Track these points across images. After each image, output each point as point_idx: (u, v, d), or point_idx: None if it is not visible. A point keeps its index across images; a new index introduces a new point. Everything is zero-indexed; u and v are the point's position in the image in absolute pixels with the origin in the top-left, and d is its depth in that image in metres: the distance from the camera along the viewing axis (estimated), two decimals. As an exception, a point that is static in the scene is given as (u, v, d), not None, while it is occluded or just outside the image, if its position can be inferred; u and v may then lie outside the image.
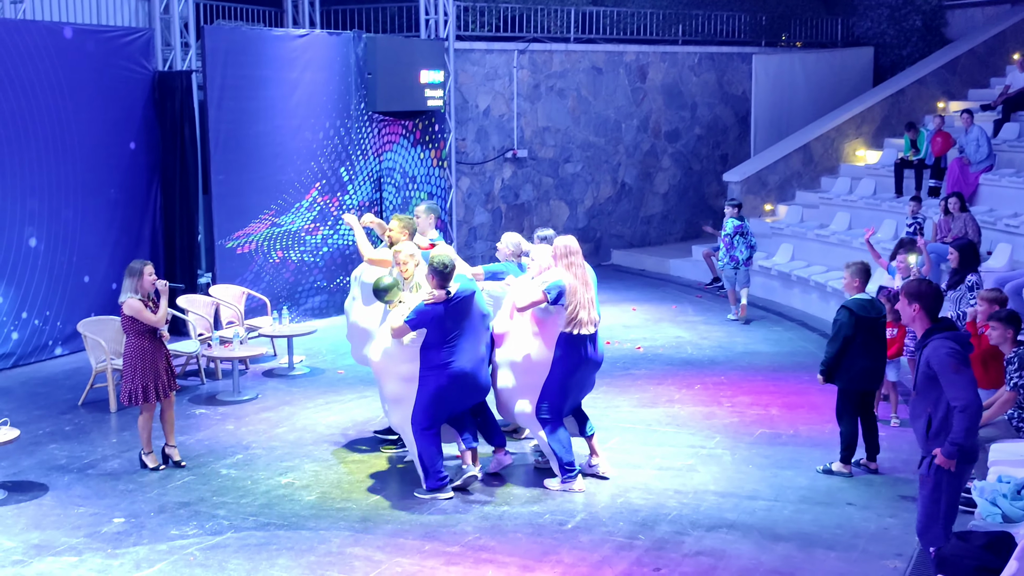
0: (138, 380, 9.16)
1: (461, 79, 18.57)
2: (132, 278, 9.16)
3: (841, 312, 9.11)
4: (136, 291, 9.15)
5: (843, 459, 9.20)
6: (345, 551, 7.67)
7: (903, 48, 22.73)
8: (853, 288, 9.22)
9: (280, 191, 15.14)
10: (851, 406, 9.15)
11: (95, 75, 13.57)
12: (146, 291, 9.20)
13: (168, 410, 9.48)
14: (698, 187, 21.75)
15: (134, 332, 9.19)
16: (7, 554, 7.67)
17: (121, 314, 9.28)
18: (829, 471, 9.18)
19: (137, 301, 9.10)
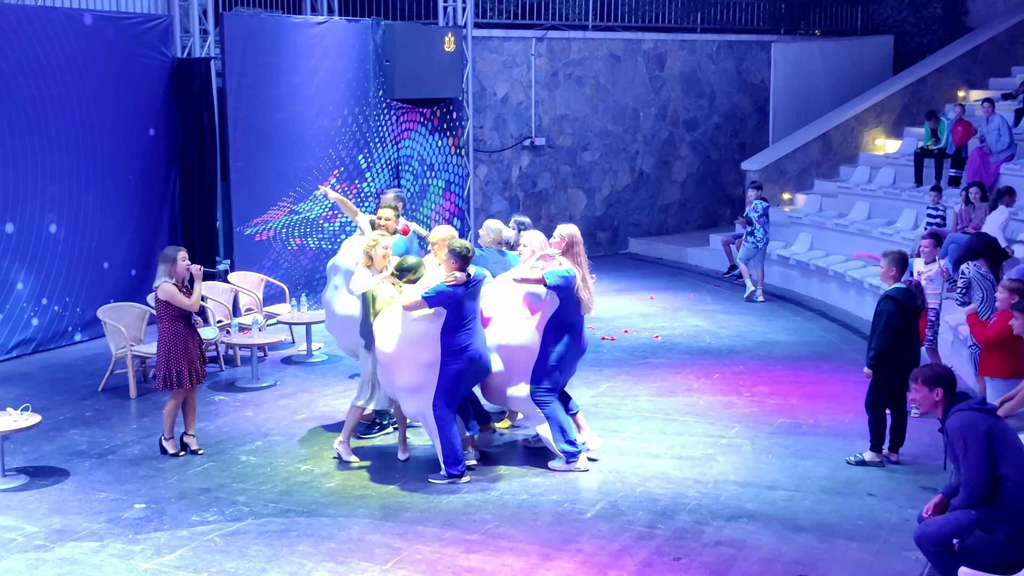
0: (172, 365, 9.20)
1: (479, 66, 18.53)
2: (166, 264, 9.21)
3: (886, 302, 8.99)
4: (170, 276, 9.19)
5: (873, 448, 9.15)
6: (365, 538, 7.68)
7: (923, 36, 22.59)
8: (889, 278, 9.13)
9: (298, 178, 15.14)
10: (886, 396, 9.09)
11: (115, 62, 13.59)
12: (180, 276, 9.25)
13: (191, 398, 9.51)
14: (716, 176, 21.68)
15: (168, 317, 9.22)
16: (29, 539, 7.71)
17: (156, 299, 9.31)
18: (862, 462, 9.13)
19: (171, 285, 9.14)
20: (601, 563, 7.30)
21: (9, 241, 12.53)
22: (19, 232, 12.62)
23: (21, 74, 12.48)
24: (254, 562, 7.30)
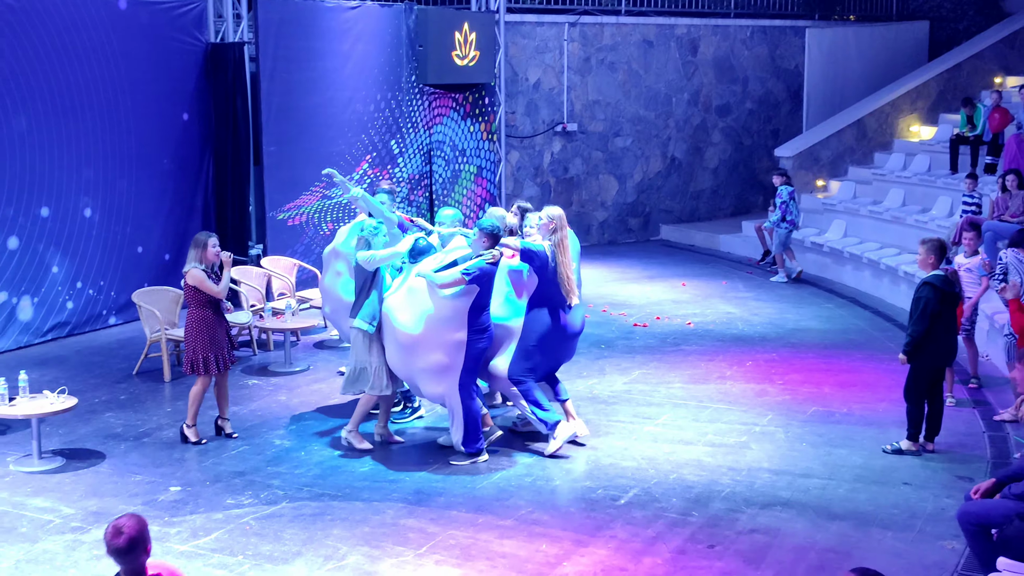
0: (200, 351, 9.22)
1: (512, 52, 18.48)
2: (196, 249, 9.22)
3: (924, 289, 8.89)
4: (200, 262, 9.20)
5: (910, 436, 9.09)
6: (399, 522, 7.71)
7: (959, 22, 22.35)
8: (928, 265, 9.04)
9: (331, 163, 15.09)
10: (925, 384, 9.02)
11: (149, 46, 13.64)
12: (210, 262, 9.26)
13: (223, 382, 9.54)
14: (748, 162, 21.56)
15: (196, 303, 9.24)
16: (66, 521, 7.77)
17: (184, 284, 9.33)
18: (898, 451, 9.07)
19: (200, 271, 9.16)
20: (635, 550, 7.29)
21: (45, 225, 12.62)
22: (54, 216, 12.71)
23: (56, 59, 12.55)
24: (289, 545, 7.34)
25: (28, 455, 8.93)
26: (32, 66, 12.30)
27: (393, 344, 8.88)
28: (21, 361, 11.34)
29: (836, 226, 17.37)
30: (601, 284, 16.13)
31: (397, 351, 8.87)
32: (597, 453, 9.11)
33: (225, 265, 9.33)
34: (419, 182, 16.85)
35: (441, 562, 7.12)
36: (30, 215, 12.46)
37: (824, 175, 19.44)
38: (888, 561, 7.14)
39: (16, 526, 7.67)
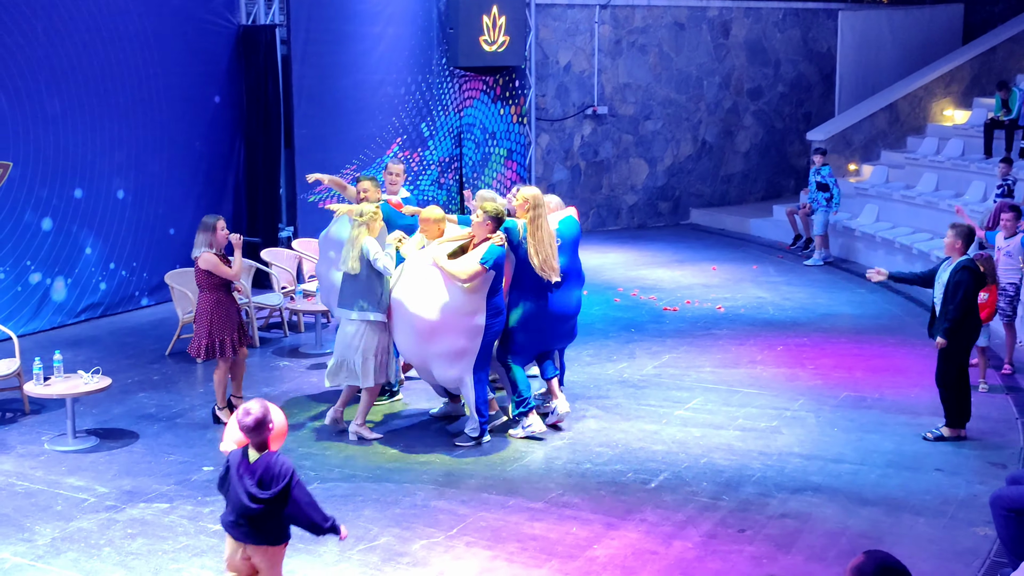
0: (215, 335, 9.23)
1: (542, 34, 18.43)
2: (206, 233, 9.21)
3: (964, 273, 8.82)
4: (210, 245, 9.21)
5: (950, 424, 9.03)
6: (429, 504, 7.74)
7: (995, 4, 22.09)
8: (956, 251, 8.97)
9: (362, 146, 15.19)
10: (955, 368, 8.95)
11: (181, 29, 13.68)
12: (220, 245, 9.27)
13: (240, 364, 9.57)
14: (780, 146, 21.43)
15: (209, 286, 9.23)
16: (101, 499, 7.85)
17: (196, 269, 9.30)
18: (940, 437, 9.01)
19: (213, 255, 9.16)
20: (665, 533, 7.29)
21: (78, 207, 12.71)
22: (87, 198, 12.79)
23: (90, 41, 12.62)
24: (320, 526, 7.37)
25: (63, 434, 9.02)
26: (66, 48, 12.37)
27: (408, 331, 8.78)
28: (55, 341, 11.43)
29: (868, 210, 17.26)
30: (631, 268, 16.11)
31: (413, 337, 8.78)
32: (627, 437, 9.11)
33: (236, 247, 9.33)
34: (449, 165, 16.85)
35: (472, 544, 7.14)
36: (64, 196, 12.55)
37: (856, 159, 19.32)
38: (920, 547, 7.12)
39: (51, 504, 7.75)
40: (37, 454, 8.76)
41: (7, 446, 8.92)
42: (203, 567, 6.80)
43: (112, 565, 6.85)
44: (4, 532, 7.30)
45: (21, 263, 12.18)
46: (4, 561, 6.90)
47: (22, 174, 12.11)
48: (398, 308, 8.83)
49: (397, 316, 8.86)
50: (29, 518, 7.52)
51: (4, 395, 10.04)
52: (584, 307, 13.46)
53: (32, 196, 12.22)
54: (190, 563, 6.86)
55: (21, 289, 12.20)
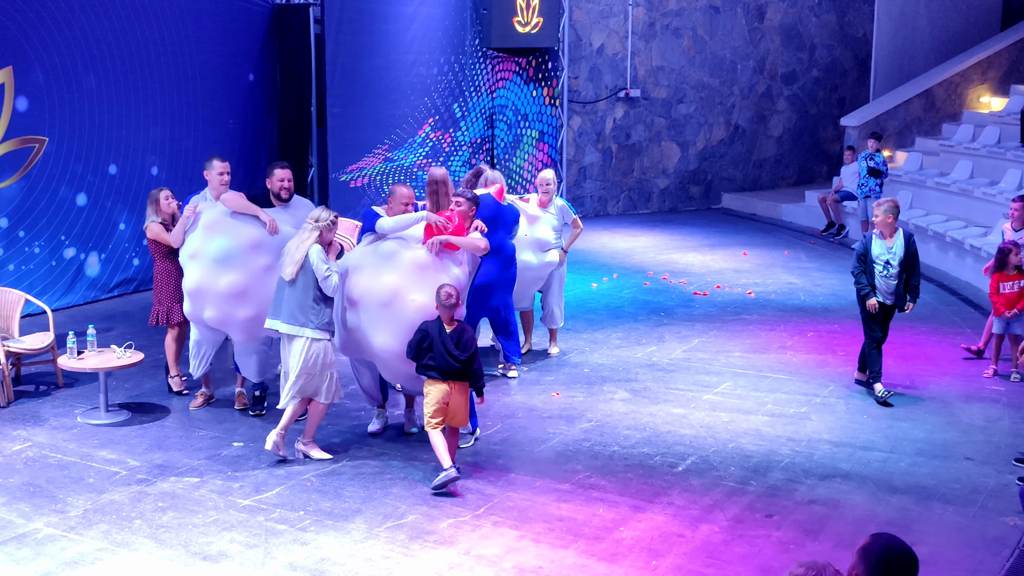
0: (164, 302, 9.53)
1: (576, 16, 18.37)
2: (152, 204, 9.54)
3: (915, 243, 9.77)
4: (156, 215, 9.47)
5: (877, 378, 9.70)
6: (457, 484, 7.76)
7: (1034, -9, 21.85)
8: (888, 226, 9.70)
9: (394, 126, 15.22)
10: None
11: (216, 7, 13.74)
12: (166, 215, 9.49)
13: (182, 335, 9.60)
14: (813, 131, 21.30)
15: (159, 255, 9.51)
16: (132, 473, 7.93)
17: (147, 240, 9.58)
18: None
19: (157, 225, 9.42)
20: (692, 517, 7.29)
21: (112, 182, 12.80)
22: (122, 174, 12.88)
23: (126, 19, 12.68)
24: (349, 502, 7.42)
25: (95, 408, 9.11)
26: (102, 25, 12.45)
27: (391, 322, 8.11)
28: (88, 316, 11.53)
29: (902, 197, 17.08)
30: (661, 252, 16.08)
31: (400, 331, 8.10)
32: (655, 420, 9.11)
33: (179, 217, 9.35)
34: (481, 146, 16.85)
35: (498, 523, 7.17)
36: (99, 172, 12.64)
37: (891, 145, 19.15)
38: (949, 536, 7.09)
39: (84, 476, 7.84)
40: (70, 427, 8.85)
41: (41, 418, 9.02)
42: (232, 541, 6.86)
43: (143, 537, 6.91)
44: (37, 503, 7.39)
45: (56, 238, 12.29)
46: (37, 531, 6.98)
47: (57, 150, 12.20)
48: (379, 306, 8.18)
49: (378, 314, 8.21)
50: (62, 490, 7.61)
51: (38, 368, 10.16)
52: (614, 290, 13.61)
53: (67, 172, 12.32)
54: (219, 537, 6.92)
55: (55, 264, 12.30)
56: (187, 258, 8.86)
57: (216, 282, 8.65)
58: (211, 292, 8.69)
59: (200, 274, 8.72)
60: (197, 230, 8.84)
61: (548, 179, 10.65)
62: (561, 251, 10.73)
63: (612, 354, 10.97)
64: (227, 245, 8.65)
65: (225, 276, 8.64)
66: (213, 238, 8.70)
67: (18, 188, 11.90)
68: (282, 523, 7.12)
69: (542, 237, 10.45)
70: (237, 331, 8.89)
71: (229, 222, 8.75)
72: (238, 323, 8.78)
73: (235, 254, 8.64)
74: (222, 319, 8.79)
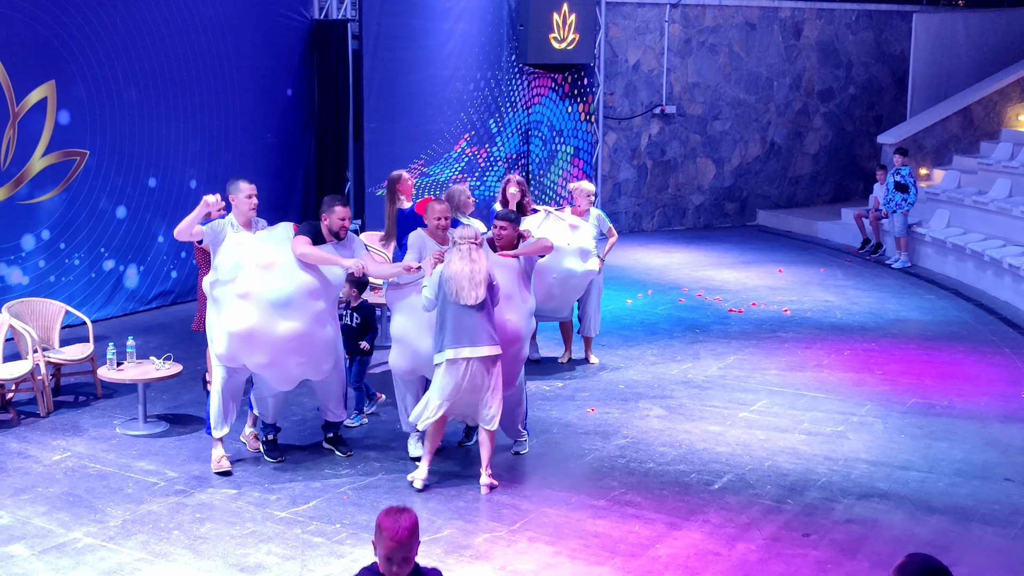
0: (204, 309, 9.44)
1: (612, 33, 18.40)
2: None
3: None
4: None
5: None
6: (493, 499, 7.77)
7: (1074, 8, 21.70)
8: None
9: (430, 141, 15.29)
10: None
11: (255, 22, 13.87)
12: None
13: None
14: (850, 148, 21.22)
15: (204, 264, 9.41)
16: (170, 483, 7.98)
17: (195, 249, 9.51)
18: None
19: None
20: (729, 535, 7.26)
21: (152, 195, 12.92)
22: (161, 187, 13.01)
23: (167, 33, 12.82)
24: (385, 516, 7.43)
25: (134, 419, 9.19)
26: (143, 40, 12.59)
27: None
28: (127, 327, 11.64)
29: (939, 216, 17.02)
30: (696, 268, 16.05)
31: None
32: (691, 437, 9.09)
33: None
34: (516, 161, 16.89)
35: (534, 539, 7.17)
36: (138, 185, 12.77)
37: (928, 163, 19.05)
38: (988, 558, 7.03)
39: (123, 487, 7.90)
40: (109, 437, 8.92)
41: (80, 429, 9.11)
42: (269, 552, 6.89)
43: (181, 548, 6.96)
44: (77, 513, 7.46)
45: (95, 250, 12.42)
46: (77, 541, 7.04)
47: (98, 163, 12.34)
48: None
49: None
50: (101, 500, 7.67)
51: (78, 379, 10.26)
52: (649, 307, 13.61)
53: (107, 184, 12.45)
54: (257, 548, 6.95)
55: (95, 275, 12.43)
56: (234, 296, 7.87)
57: (273, 328, 7.80)
58: (266, 338, 7.82)
59: (256, 318, 7.81)
60: (250, 269, 7.88)
61: (584, 189, 10.77)
62: (599, 259, 10.82)
63: (647, 370, 10.96)
64: (288, 290, 7.83)
65: (284, 322, 7.82)
66: (271, 281, 7.82)
67: (59, 200, 12.04)
68: (319, 535, 7.15)
69: (583, 245, 10.53)
70: (280, 379, 8.16)
71: (288, 264, 7.90)
72: (287, 371, 8.06)
73: (295, 300, 7.85)
74: (270, 364, 7.97)
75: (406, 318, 8.29)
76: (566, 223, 10.51)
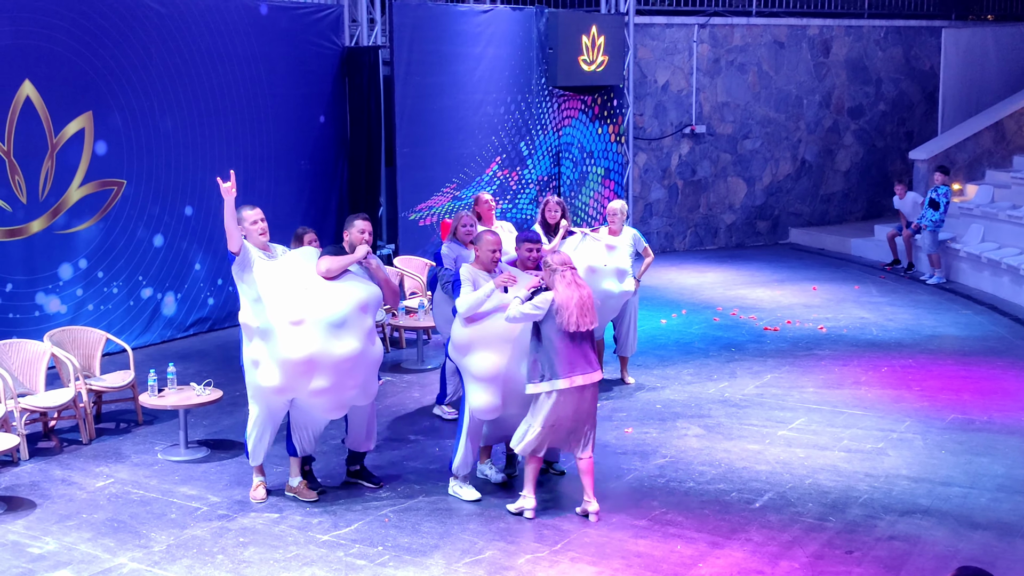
0: None
1: (640, 54, 18.46)
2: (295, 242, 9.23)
3: None
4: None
5: None
6: (534, 519, 7.78)
7: (1105, 21, 21.61)
8: None
9: (462, 165, 15.37)
10: None
11: (288, 50, 14.00)
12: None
13: None
14: (881, 165, 21.15)
15: None
16: (213, 508, 8.04)
17: None
18: None
19: None
20: (771, 553, 7.24)
21: (188, 224, 13.05)
22: (197, 215, 13.13)
23: (201, 63, 12.97)
24: (427, 538, 7.47)
25: (175, 445, 9.26)
26: (179, 69, 12.74)
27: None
28: (165, 354, 11.74)
29: (973, 231, 16.94)
30: (729, 287, 16.03)
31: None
32: (730, 456, 9.07)
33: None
34: (547, 184, 16.95)
35: (576, 559, 7.17)
36: (175, 214, 12.90)
37: (961, 179, 18.97)
38: (1035, 573, 6.98)
39: (166, 512, 7.97)
40: (151, 463, 9.00)
41: (122, 455, 9.19)
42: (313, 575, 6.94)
43: (225, 572, 7.01)
44: (121, 538, 7.52)
45: (134, 278, 12.54)
46: (122, 566, 7.10)
47: (135, 192, 12.48)
48: None
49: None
50: (145, 525, 7.74)
51: (119, 406, 10.35)
52: (683, 326, 13.59)
53: (144, 213, 12.59)
54: (300, 572, 6.99)
55: (133, 303, 12.55)
56: (286, 325, 7.64)
57: (333, 349, 7.63)
58: (326, 361, 7.63)
59: (315, 342, 7.61)
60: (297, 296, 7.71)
61: (618, 209, 10.79)
62: (635, 280, 10.84)
63: (684, 390, 10.95)
64: (344, 309, 7.69)
65: (342, 343, 7.67)
66: (323, 302, 7.67)
67: (97, 229, 12.18)
68: (361, 558, 7.18)
69: (620, 266, 10.55)
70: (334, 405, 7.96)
71: (332, 284, 7.78)
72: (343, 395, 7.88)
73: (350, 318, 7.72)
74: (329, 389, 7.75)
75: (495, 354, 7.87)
76: (602, 244, 10.55)
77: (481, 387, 7.94)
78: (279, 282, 7.84)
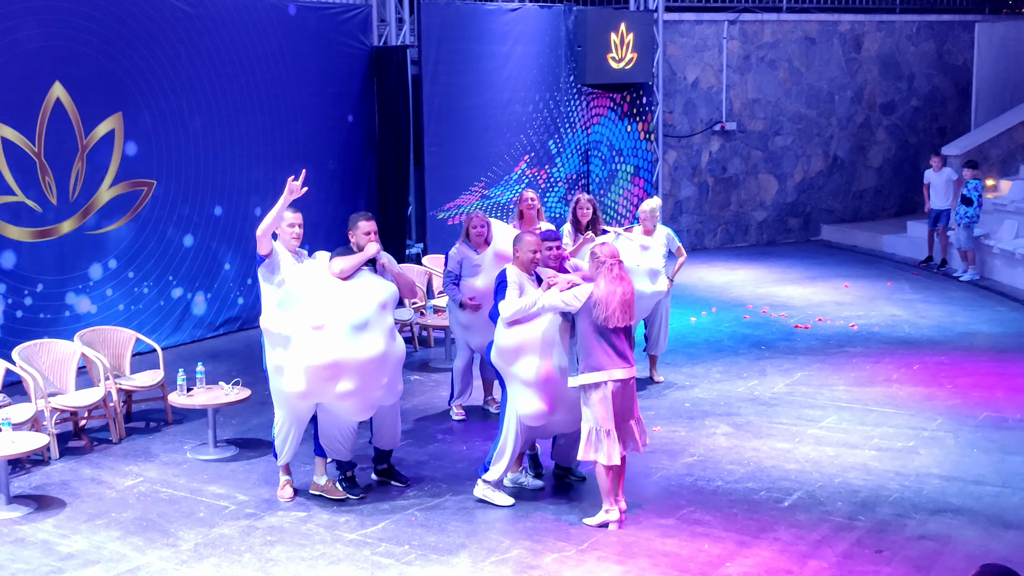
0: None
1: (670, 51, 18.39)
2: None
3: None
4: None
5: None
6: (560, 518, 7.76)
7: None
8: None
9: (490, 163, 15.36)
10: None
11: (316, 51, 14.04)
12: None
13: None
14: (914, 161, 20.97)
15: None
16: (241, 507, 8.07)
17: None
18: None
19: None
20: (800, 553, 7.18)
21: (218, 224, 13.11)
22: (226, 215, 13.19)
23: (230, 63, 13.03)
24: (454, 537, 7.46)
25: (204, 444, 9.30)
26: (207, 70, 12.80)
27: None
28: (195, 354, 11.79)
29: (1007, 227, 16.75)
30: (760, 285, 15.94)
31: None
32: (759, 455, 9.01)
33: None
34: (576, 182, 16.91)
35: (603, 558, 7.14)
36: (204, 214, 12.97)
37: (994, 174, 18.77)
38: (1068, 572, 6.87)
39: (194, 511, 8.00)
40: (180, 462, 9.05)
41: (151, 454, 9.24)
42: (340, 574, 6.93)
43: (253, 571, 7.03)
44: (150, 537, 7.56)
45: (164, 278, 12.61)
46: (150, 564, 7.14)
47: (165, 192, 12.55)
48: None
49: None
50: (173, 524, 7.77)
51: (149, 405, 10.41)
52: (713, 324, 13.54)
53: (175, 213, 12.66)
54: (327, 570, 7.00)
55: (164, 303, 12.62)
56: (308, 330, 7.62)
57: (357, 352, 7.59)
58: (351, 364, 7.59)
59: (339, 346, 7.58)
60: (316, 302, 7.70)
61: (652, 208, 10.73)
62: (668, 280, 10.79)
63: (713, 388, 10.89)
64: (366, 310, 7.69)
65: (366, 344, 7.64)
66: (343, 306, 7.66)
67: (127, 230, 12.25)
68: (388, 557, 7.18)
69: (653, 266, 10.51)
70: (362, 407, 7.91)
71: (351, 285, 7.78)
72: (370, 396, 7.84)
73: (373, 318, 7.70)
74: (356, 391, 7.70)
75: (543, 359, 7.68)
76: (636, 243, 10.50)
77: (530, 393, 7.74)
78: (305, 286, 7.83)
